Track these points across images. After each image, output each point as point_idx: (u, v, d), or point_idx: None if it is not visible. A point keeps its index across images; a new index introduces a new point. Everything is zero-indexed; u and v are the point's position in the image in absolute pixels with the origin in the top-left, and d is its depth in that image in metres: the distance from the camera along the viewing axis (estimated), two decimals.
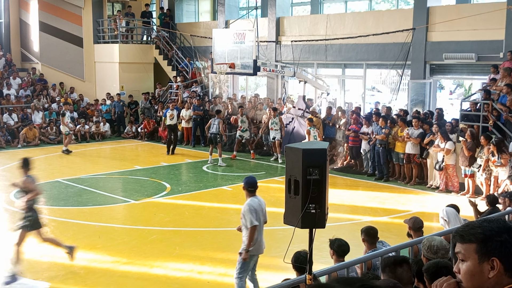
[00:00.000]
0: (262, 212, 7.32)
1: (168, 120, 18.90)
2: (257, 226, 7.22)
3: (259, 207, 7.28)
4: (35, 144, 20.57)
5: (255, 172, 16.34)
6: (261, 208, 7.31)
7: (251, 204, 7.22)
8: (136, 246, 9.83)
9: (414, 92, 17.18)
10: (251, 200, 7.29)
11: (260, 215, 7.27)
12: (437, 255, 4.83)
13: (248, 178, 7.45)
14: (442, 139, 13.64)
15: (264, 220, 7.48)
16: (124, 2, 26.40)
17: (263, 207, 7.39)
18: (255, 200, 7.31)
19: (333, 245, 5.97)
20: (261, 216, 7.30)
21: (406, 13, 17.58)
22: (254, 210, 7.19)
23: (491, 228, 2.07)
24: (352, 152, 16.51)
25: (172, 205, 12.67)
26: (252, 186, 7.32)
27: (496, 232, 2.06)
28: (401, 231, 9.57)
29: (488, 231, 2.07)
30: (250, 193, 7.35)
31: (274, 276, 7.84)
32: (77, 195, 13.32)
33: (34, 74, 24.89)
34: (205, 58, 22.85)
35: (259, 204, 7.30)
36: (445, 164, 13.66)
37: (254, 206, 7.22)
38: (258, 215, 7.24)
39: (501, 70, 14.24)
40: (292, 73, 18.36)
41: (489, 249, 2.04)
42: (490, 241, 2.05)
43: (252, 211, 7.18)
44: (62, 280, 8.32)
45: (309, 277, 4.58)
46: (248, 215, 7.18)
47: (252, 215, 7.17)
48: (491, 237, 2.06)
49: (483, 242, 2.06)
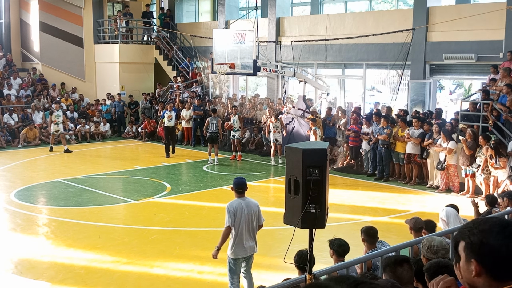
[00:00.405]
0: (247, 214, 7.06)
1: (166, 121, 18.36)
2: (231, 228, 7.02)
3: (243, 209, 7.04)
4: (36, 144, 20.58)
5: (255, 172, 16.36)
6: (246, 210, 7.05)
7: (231, 205, 7.07)
8: (136, 246, 9.84)
9: (414, 92, 17.19)
10: (234, 201, 7.15)
11: (243, 217, 7.03)
12: (437, 255, 4.83)
13: (236, 178, 7.30)
14: (444, 139, 13.63)
15: (259, 224, 7.25)
16: (124, 2, 26.41)
17: (253, 210, 7.13)
18: (239, 201, 7.11)
19: (333, 245, 5.97)
20: (245, 218, 7.05)
21: (406, 13, 17.60)
22: (233, 212, 7.00)
23: (481, 229, 2.06)
24: (352, 152, 16.52)
25: (172, 205, 12.68)
26: (238, 187, 7.15)
27: (482, 234, 2.05)
28: (401, 231, 9.58)
29: (475, 232, 2.06)
30: (237, 194, 7.17)
31: (274, 276, 7.85)
32: (77, 195, 13.33)
33: (35, 74, 24.90)
34: (205, 58, 22.86)
35: (243, 206, 7.06)
36: (447, 163, 13.65)
37: (233, 207, 7.04)
38: (239, 217, 7.02)
39: (501, 70, 14.25)
40: (292, 73, 18.37)
41: (471, 250, 2.06)
42: (473, 242, 2.05)
43: (230, 212, 7.01)
44: (62, 280, 8.33)
45: (309, 276, 4.59)
46: (226, 215, 7.05)
47: (229, 216, 7.00)
48: (471, 237, 2.06)
49: (469, 242, 2.07)
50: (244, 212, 7.04)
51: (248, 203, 7.13)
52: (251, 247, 7.18)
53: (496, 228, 2.05)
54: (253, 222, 7.13)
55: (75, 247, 9.66)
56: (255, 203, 7.26)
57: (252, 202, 7.20)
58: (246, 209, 7.06)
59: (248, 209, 7.07)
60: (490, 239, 2.02)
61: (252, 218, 7.11)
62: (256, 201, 7.32)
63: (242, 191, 7.17)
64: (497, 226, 2.06)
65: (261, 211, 7.30)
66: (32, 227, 11.07)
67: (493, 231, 2.04)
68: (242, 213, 7.02)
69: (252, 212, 7.11)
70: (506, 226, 2.06)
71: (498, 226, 2.06)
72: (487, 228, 2.06)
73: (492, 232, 2.04)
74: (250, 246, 7.15)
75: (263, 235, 10.63)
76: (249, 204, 7.13)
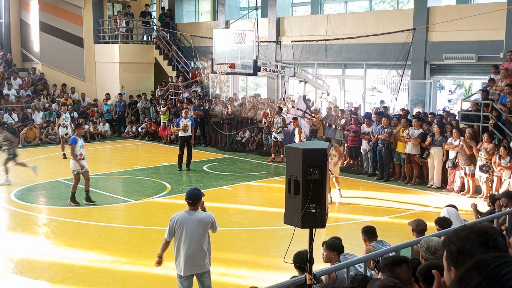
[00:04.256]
0: (193, 228, 6.43)
1: (182, 132, 16.21)
2: (169, 241, 6.57)
3: (189, 223, 6.43)
4: (35, 144, 20.58)
5: (255, 172, 16.36)
6: (191, 223, 6.44)
7: (173, 217, 6.53)
8: (136, 246, 9.84)
9: (414, 92, 17.19)
10: (180, 212, 6.61)
11: (188, 231, 6.41)
12: (435, 256, 4.83)
13: (189, 189, 6.74)
14: (456, 136, 13.54)
15: (212, 231, 6.65)
16: (124, 2, 26.41)
17: (203, 223, 6.49)
18: (183, 214, 6.52)
19: (325, 243, 6.06)
20: (191, 231, 6.43)
21: (406, 13, 17.59)
22: (175, 223, 6.46)
23: (459, 237, 2.04)
24: (352, 152, 16.52)
25: (173, 205, 12.66)
26: (188, 198, 6.56)
27: (459, 242, 2.03)
28: (401, 231, 9.59)
29: (453, 241, 2.04)
30: (188, 205, 6.57)
31: (274, 276, 7.85)
32: (77, 195, 13.30)
33: (35, 74, 24.90)
34: (206, 58, 22.85)
35: (190, 219, 6.45)
36: (458, 161, 13.55)
37: (175, 219, 6.49)
38: (182, 230, 6.42)
39: (501, 71, 14.26)
40: (292, 73, 18.37)
41: (450, 259, 2.04)
42: (452, 251, 2.03)
43: (171, 224, 6.49)
44: (62, 280, 8.33)
45: (309, 276, 4.59)
46: (167, 227, 6.58)
47: (169, 228, 6.50)
48: (450, 245, 2.04)
49: (448, 250, 2.05)
50: (188, 225, 6.47)
51: (197, 216, 6.53)
52: (199, 264, 6.57)
53: (473, 236, 2.03)
54: (199, 235, 6.51)
55: (75, 247, 9.66)
56: (208, 216, 6.63)
57: (202, 215, 6.58)
58: (193, 222, 6.48)
59: (193, 222, 6.48)
60: (466, 247, 2.00)
61: (197, 232, 6.50)
62: (208, 215, 6.67)
63: (192, 203, 6.54)
64: (474, 234, 2.04)
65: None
66: (32, 227, 11.07)
67: (470, 239, 2.02)
68: (187, 227, 6.47)
69: (198, 226, 6.50)
70: (482, 234, 2.04)
71: (475, 234, 2.04)
72: (465, 236, 2.04)
73: (468, 240, 2.02)
74: (198, 264, 6.57)
75: (263, 235, 10.65)
76: (198, 217, 6.52)
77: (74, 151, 11.94)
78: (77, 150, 11.96)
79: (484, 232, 2.05)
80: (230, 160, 18.22)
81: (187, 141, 16.24)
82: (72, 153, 12.01)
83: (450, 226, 6.77)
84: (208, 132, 21.07)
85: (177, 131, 16.66)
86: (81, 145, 12.14)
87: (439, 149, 14.04)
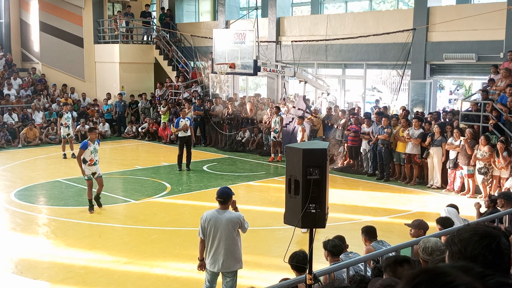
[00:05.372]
0: (222, 227, 6.55)
1: (182, 132, 16.26)
2: (203, 239, 6.70)
3: (216, 221, 6.57)
4: (36, 144, 20.58)
5: (255, 172, 16.36)
6: (219, 222, 6.56)
7: (203, 215, 6.73)
8: (136, 246, 9.83)
9: (414, 92, 17.19)
10: (211, 210, 6.80)
11: (216, 229, 6.56)
12: (432, 256, 4.83)
13: (220, 187, 6.90)
14: (457, 136, 13.54)
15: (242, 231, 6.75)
16: (124, 2, 26.41)
17: (232, 223, 6.58)
18: (213, 212, 6.67)
19: (327, 246, 6.03)
20: (218, 231, 6.56)
21: (406, 13, 17.59)
22: (204, 221, 6.65)
23: (461, 238, 2.03)
24: (352, 152, 16.52)
25: (172, 205, 12.68)
26: (219, 197, 6.67)
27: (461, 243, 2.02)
28: (401, 231, 9.57)
29: (456, 241, 2.03)
30: (219, 204, 6.71)
31: (274, 276, 7.84)
32: (77, 195, 13.31)
33: (35, 74, 24.90)
34: (206, 58, 22.85)
35: (218, 218, 6.58)
36: (458, 161, 13.55)
37: (205, 217, 6.67)
38: (211, 228, 6.58)
39: (501, 70, 14.26)
40: (293, 73, 18.37)
41: (452, 259, 2.03)
42: (453, 251, 2.03)
43: (201, 223, 6.68)
44: (62, 280, 8.33)
45: (309, 276, 4.59)
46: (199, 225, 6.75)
47: (200, 226, 6.70)
48: (452, 246, 2.04)
49: (450, 251, 2.05)
50: (215, 224, 6.61)
51: (225, 215, 6.64)
52: (225, 262, 6.65)
53: (476, 237, 2.01)
54: (227, 234, 6.61)
55: (75, 247, 9.66)
56: (236, 216, 6.71)
57: (231, 215, 6.68)
58: (221, 221, 6.61)
59: (220, 221, 6.61)
60: (468, 248, 1.99)
61: (225, 231, 6.60)
62: (237, 215, 6.74)
63: (223, 201, 6.67)
64: (477, 236, 2.02)
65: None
66: (32, 227, 11.06)
67: (472, 241, 2.00)
68: (214, 225, 6.61)
69: (226, 225, 6.60)
70: (485, 236, 2.02)
71: (478, 236, 2.02)
72: (467, 237, 2.02)
73: (470, 242, 2.00)
74: (224, 261, 6.64)
75: (263, 235, 10.65)
76: (226, 217, 6.63)
77: (80, 156, 11.49)
78: (87, 155, 11.49)
79: (487, 234, 2.03)
80: (230, 160, 18.22)
81: (187, 141, 16.31)
82: (78, 158, 11.60)
83: (452, 225, 6.77)
84: (208, 132, 21.07)
85: (177, 131, 16.68)
86: (92, 150, 11.52)
87: (438, 149, 14.04)
